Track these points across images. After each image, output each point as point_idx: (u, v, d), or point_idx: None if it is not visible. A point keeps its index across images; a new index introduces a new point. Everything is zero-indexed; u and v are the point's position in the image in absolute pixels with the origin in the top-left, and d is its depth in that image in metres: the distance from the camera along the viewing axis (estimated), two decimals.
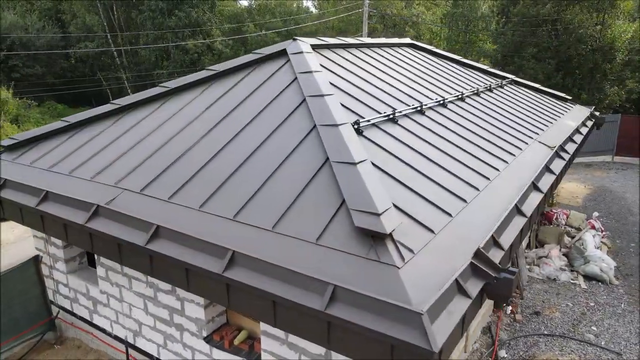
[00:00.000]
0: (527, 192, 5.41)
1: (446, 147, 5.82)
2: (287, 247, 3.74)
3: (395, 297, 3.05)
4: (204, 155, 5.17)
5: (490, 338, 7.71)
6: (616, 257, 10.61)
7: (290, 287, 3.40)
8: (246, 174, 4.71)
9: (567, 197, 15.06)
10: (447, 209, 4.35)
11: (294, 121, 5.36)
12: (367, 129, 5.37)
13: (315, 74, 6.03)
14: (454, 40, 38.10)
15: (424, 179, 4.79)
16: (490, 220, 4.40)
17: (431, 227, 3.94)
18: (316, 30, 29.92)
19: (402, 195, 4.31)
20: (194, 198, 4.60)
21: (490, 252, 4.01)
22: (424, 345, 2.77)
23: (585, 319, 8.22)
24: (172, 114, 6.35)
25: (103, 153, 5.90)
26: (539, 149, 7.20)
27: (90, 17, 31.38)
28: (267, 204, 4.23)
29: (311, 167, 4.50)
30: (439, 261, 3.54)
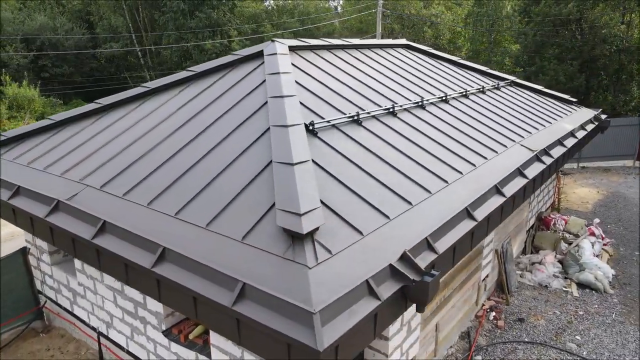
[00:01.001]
0: (486, 195, 5.33)
1: (409, 149, 5.79)
2: (214, 244, 3.83)
3: (297, 297, 3.10)
4: (164, 155, 5.33)
5: (468, 343, 7.60)
6: (617, 266, 10.26)
7: (208, 284, 3.50)
8: (196, 173, 4.84)
9: (577, 203, 14.61)
10: (386, 211, 4.35)
11: (253, 122, 5.45)
12: (324, 130, 5.41)
13: (282, 76, 6.11)
14: (478, 40, 37.45)
15: (371, 181, 4.80)
16: (431, 223, 4.37)
17: (360, 229, 3.96)
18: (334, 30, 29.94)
19: (340, 196, 4.33)
20: (145, 195, 4.75)
21: (422, 255, 3.99)
22: (310, 344, 2.81)
23: (570, 327, 8.00)
24: (146, 114, 6.56)
25: (77, 151, 6.15)
26: (518, 152, 7.05)
27: (116, 18, 32.36)
28: (207, 203, 4.34)
29: (256, 168, 4.59)
30: (356, 262, 3.56)
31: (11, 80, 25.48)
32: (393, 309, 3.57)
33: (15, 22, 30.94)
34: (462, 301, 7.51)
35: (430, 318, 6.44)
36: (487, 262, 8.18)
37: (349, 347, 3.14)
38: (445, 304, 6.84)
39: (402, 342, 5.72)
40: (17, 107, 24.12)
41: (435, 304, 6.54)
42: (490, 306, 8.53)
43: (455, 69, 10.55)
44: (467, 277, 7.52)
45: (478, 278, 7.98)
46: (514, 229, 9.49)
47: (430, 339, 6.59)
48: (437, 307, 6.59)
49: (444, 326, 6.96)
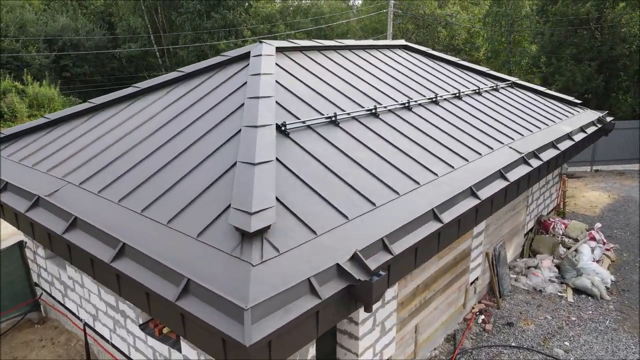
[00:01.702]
0: (458, 197, 5.31)
1: (384, 150, 5.81)
2: (172, 241, 3.94)
3: (235, 293, 3.18)
4: (141, 154, 5.49)
5: (453, 346, 7.56)
6: (617, 272, 10.03)
7: (158, 279, 3.61)
8: (168, 172, 4.97)
9: (585, 206, 14.31)
10: (346, 211, 4.39)
11: (229, 123, 5.56)
12: (297, 131, 5.48)
13: (262, 77, 6.20)
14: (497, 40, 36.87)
15: (338, 181, 4.84)
16: (392, 224, 4.39)
17: (315, 229, 4.02)
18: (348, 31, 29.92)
19: (301, 196, 4.40)
20: (117, 193, 4.91)
21: (376, 255, 4.02)
22: (239, 339, 2.88)
23: (560, 333, 7.88)
24: (133, 114, 6.74)
25: (64, 149, 6.37)
26: (504, 155, 6.97)
27: (135, 19, 33.05)
28: (172, 201, 4.46)
29: (222, 167, 4.69)
30: (303, 261, 3.62)
31: (32, 80, 26.29)
32: (339, 308, 3.62)
33: (38, 23, 31.90)
34: (447, 304, 7.47)
35: (408, 319, 6.44)
36: (476, 265, 8.11)
37: (286, 343, 3.21)
38: (426, 305, 6.82)
39: (375, 342, 5.75)
40: (37, 105, 24.87)
41: (415, 306, 6.54)
42: (480, 309, 8.46)
43: (453, 70, 10.47)
44: (453, 280, 7.48)
45: (465, 281, 7.93)
46: (509, 232, 9.38)
47: (409, 341, 6.58)
48: (416, 309, 6.58)
49: (425, 328, 6.95)
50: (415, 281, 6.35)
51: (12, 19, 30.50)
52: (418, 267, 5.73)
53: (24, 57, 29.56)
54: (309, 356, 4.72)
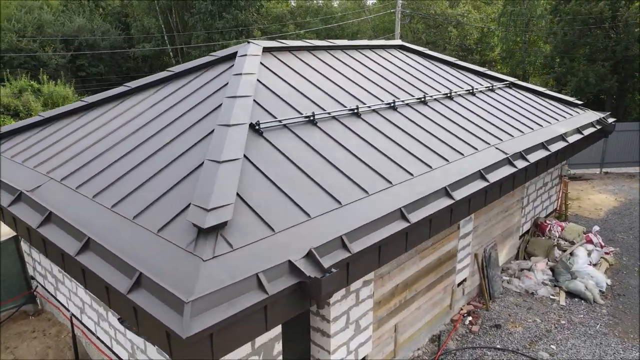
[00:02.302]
0: (430, 197, 5.32)
1: (361, 149, 5.85)
2: (134, 236, 4.06)
3: (180, 287, 3.27)
4: (121, 152, 5.63)
5: (437, 346, 7.55)
6: (615, 275, 9.86)
7: (115, 272, 3.72)
8: (142, 169, 5.10)
9: (589, 209, 14.07)
10: (309, 209, 4.45)
11: (206, 121, 5.66)
12: (272, 130, 5.56)
13: (243, 77, 6.30)
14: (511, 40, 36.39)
15: (307, 180, 4.90)
16: (354, 223, 4.43)
17: (273, 226, 4.08)
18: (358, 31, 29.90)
19: (265, 194, 4.47)
20: (93, 189, 5.05)
21: (333, 253, 4.07)
22: (177, 331, 2.97)
23: (548, 336, 7.79)
24: (121, 112, 6.91)
25: (52, 146, 6.57)
26: (489, 155, 6.93)
27: (148, 19, 33.58)
28: (141, 197, 4.58)
29: (192, 165, 4.79)
30: (256, 257, 3.69)
31: (48, 79, 26.93)
32: (290, 303, 3.68)
33: (55, 24, 32.67)
34: (431, 304, 7.46)
35: (387, 319, 6.46)
36: (463, 266, 8.08)
37: (231, 336, 3.28)
38: (406, 305, 6.83)
39: (349, 341, 5.79)
40: (52, 104, 25.46)
41: (394, 305, 6.55)
42: (468, 311, 8.41)
43: (450, 70, 10.42)
44: (437, 280, 7.47)
45: (452, 282, 7.90)
46: (501, 234, 9.30)
47: (388, 340, 6.60)
48: (395, 309, 6.60)
49: (406, 328, 6.95)
50: (393, 280, 6.37)
51: (30, 20, 31.29)
52: (385, 266, 5.79)
53: (41, 56, 30.30)
54: (274, 352, 4.79)
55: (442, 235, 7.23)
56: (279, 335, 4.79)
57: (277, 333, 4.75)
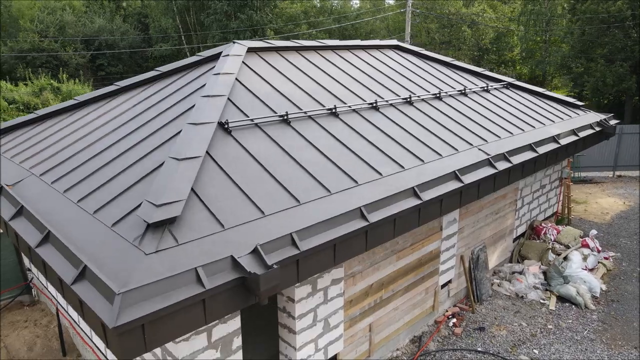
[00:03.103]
0: (395, 197, 5.33)
1: (332, 150, 5.89)
2: (91, 230, 4.21)
3: (118, 279, 3.39)
4: (98, 149, 5.82)
5: (418, 347, 7.53)
6: (612, 281, 9.64)
7: (67, 265, 3.87)
8: (112, 166, 5.26)
9: (595, 213, 13.75)
10: (265, 207, 4.53)
11: (181, 120, 5.80)
12: (242, 129, 5.66)
13: (221, 76, 6.42)
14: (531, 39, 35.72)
15: (268, 179, 4.98)
16: (309, 221, 4.49)
17: (224, 222, 4.18)
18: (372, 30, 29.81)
19: (222, 192, 4.56)
20: (65, 184, 5.24)
21: (281, 250, 4.14)
22: (106, 320, 3.09)
23: (532, 340, 7.68)
24: (106, 111, 7.12)
25: (40, 143, 6.82)
26: (469, 156, 6.88)
27: (165, 20, 34.22)
28: (105, 193, 4.74)
29: (157, 163, 4.92)
30: (201, 252, 3.78)
31: (68, 78, 27.73)
32: (233, 298, 3.76)
33: (77, 24, 33.61)
34: (411, 305, 7.44)
35: (360, 318, 6.49)
36: (447, 268, 8.03)
37: (166, 328, 3.38)
38: (382, 305, 6.84)
39: (317, 338, 5.84)
40: None
41: (368, 305, 6.57)
42: (453, 313, 8.36)
43: (445, 70, 10.35)
44: (418, 281, 7.44)
45: (435, 283, 7.86)
46: (492, 236, 9.19)
47: (362, 339, 6.62)
48: (370, 308, 6.61)
49: (382, 328, 6.96)
50: (366, 280, 6.39)
51: (53, 21, 32.26)
52: (357, 265, 5.82)
53: (62, 56, 31.21)
54: (233, 346, 4.88)
55: (422, 235, 7.21)
56: (238, 330, 4.88)
57: (235, 328, 4.85)
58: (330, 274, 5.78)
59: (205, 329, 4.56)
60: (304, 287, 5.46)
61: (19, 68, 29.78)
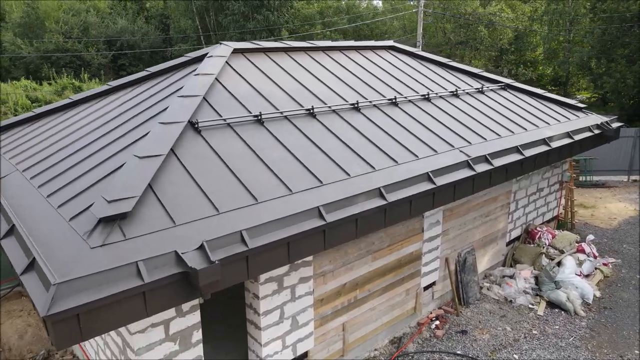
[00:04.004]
0: (358, 198, 5.37)
1: (303, 150, 5.97)
2: (51, 223, 4.41)
3: (59, 271, 3.56)
4: (77, 147, 6.06)
5: (397, 348, 7.53)
6: (608, 287, 9.41)
7: (22, 257, 4.07)
8: (84, 164, 5.47)
9: (602, 218, 13.40)
10: (220, 205, 4.64)
11: (155, 120, 5.97)
12: (212, 129, 5.79)
13: (199, 77, 6.58)
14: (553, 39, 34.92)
15: (230, 177, 5.10)
16: (264, 219, 4.59)
17: (175, 219, 4.31)
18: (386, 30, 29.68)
19: (181, 190, 4.70)
20: (40, 180, 5.48)
21: (230, 247, 4.25)
22: (40, 309, 3.26)
23: (514, 346, 7.59)
24: (95, 110, 7.38)
25: (31, 140, 7.12)
26: (447, 157, 6.85)
27: (185, 21, 34.88)
28: (71, 189, 4.94)
29: (123, 161, 5.10)
30: (146, 247, 3.92)
31: (89, 78, 28.61)
32: (174, 292, 3.89)
33: (100, 26, 34.62)
34: (389, 306, 7.45)
35: (332, 317, 6.54)
36: (430, 270, 8.00)
37: (103, 319, 3.54)
38: (358, 305, 6.87)
39: (285, 335, 5.93)
40: None
41: (341, 304, 6.62)
42: (437, 315, 8.31)
43: (440, 72, 10.28)
44: (397, 282, 7.45)
45: (417, 284, 7.84)
46: (482, 239, 9.10)
47: (334, 338, 6.68)
48: (343, 307, 6.66)
49: (358, 327, 6.99)
50: (338, 279, 6.44)
51: (77, 22, 33.30)
52: (327, 264, 5.92)
53: (85, 56, 32.19)
54: (193, 339, 5.02)
55: (401, 236, 7.22)
56: (197, 324, 5.01)
57: (195, 322, 4.98)
58: (298, 272, 5.86)
59: (162, 322, 4.72)
60: (268, 284, 5.56)
61: (44, 68, 30.86)
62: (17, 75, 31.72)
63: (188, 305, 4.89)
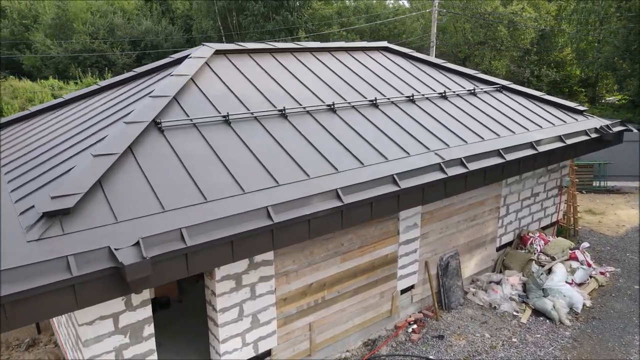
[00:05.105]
0: (312, 199, 5.40)
1: (266, 151, 6.03)
2: (5, 217, 4.62)
3: None
4: (51, 146, 6.30)
5: (369, 351, 7.51)
6: (601, 297, 9.10)
7: None
8: (52, 162, 5.69)
9: (610, 225, 12.94)
10: (167, 203, 4.76)
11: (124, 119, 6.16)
12: (176, 129, 5.93)
13: (173, 77, 6.74)
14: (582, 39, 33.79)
15: (184, 176, 5.21)
16: (205, 217, 4.68)
17: (118, 216, 4.46)
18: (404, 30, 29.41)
19: (131, 187, 4.85)
20: (11, 176, 5.74)
21: (169, 244, 4.35)
22: None
23: (490, 353, 7.45)
24: (79, 109, 7.65)
25: (19, 137, 7.45)
26: (420, 160, 6.78)
27: (206, 22, 35.51)
28: (32, 186, 5.15)
29: (83, 159, 5.29)
30: (83, 242, 4.06)
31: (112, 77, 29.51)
32: (106, 286, 4.03)
33: (126, 27, 35.65)
34: (362, 307, 7.43)
35: (297, 317, 6.59)
36: (408, 273, 7.93)
37: (30, 310, 3.70)
38: (326, 306, 6.89)
39: (245, 333, 6.02)
40: None
41: (307, 304, 6.66)
42: (416, 319, 8.23)
43: (432, 73, 10.15)
44: (370, 284, 7.42)
45: (392, 287, 7.79)
46: (467, 243, 8.95)
47: (300, 337, 6.72)
48: (309, 307, 6.69)
49: (327, 328, 7.01)
50: (303, 279, 6.48)
51: (103, 23, 34.41)
52: (291, 264, 6.01)
53: (110, 57, 33.23)
54: (144, 333, 5.16)
55: (373, 238, 7.19)
56: (149, 319, 5.15)
57: (146, 316, 5.12)
58: (258, 271, 5.93)
59: (111, 315, 4.88)
60: (225, 282, 5.65)
61: (71, 67, 32.03)
62: (47, 75, 33.08)
63: (138, 299, 5.04)
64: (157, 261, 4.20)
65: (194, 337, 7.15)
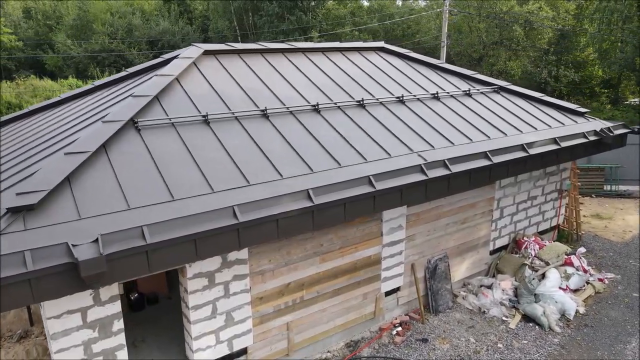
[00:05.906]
0: (282, 198, 5.42)
1: (243, 151, 6.08)
2: None
3: None
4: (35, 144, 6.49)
5: (350, 352, 7.49)
6: (597, 304, 8.87)
7: None
8: (33, 159, 5.86)
9: (616, 230, 12.58)
10: (134, 201, 4.85)
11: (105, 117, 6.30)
12: (153, 128, 6.03)
13: (157, 77, 6.85)
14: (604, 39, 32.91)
15: (155, 174, 5.30)
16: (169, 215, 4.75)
17: (82, 213, 4.56)
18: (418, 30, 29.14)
19: (99, 185, 4.96)
20: None
21: (128, 240, 4.44)
22: None
23: (472, 358, 7.34)
24: (71, 108, 7.85)
25: (13, 135, 7.69)
26: (400, 161, 6.73)
27: (221, 22, 35.89)
28: (9, 182, 5.32)
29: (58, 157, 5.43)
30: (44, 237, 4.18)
31: None
32: (64, 281, 4.13)
33: (144, 27, 36.33)
34: (344, 308, 7.42)
35: (274, 316, 6.62)
36: (393, 275, 7.88)
37: None
38: (304, 306, 6.90)
39: (218, 330, 6.09)
40: None
41: (284, 304, 6.68)
42: (401, 321, 8.17)
43: (428, 73, 10.06)
44: (352, 285, 7.40)
45: (376, 289, 7.75)
46: (458, 246, 8.83)
47: (277, 337, 6.74)
48: (287, 307, 6.72)
49: (305, 328, 7.02)
50: (280, 279, 6.50)
51: (122, 24, 35.12)
52: (267, 264, 6.07)
53: (128, 56, 33.90)
54: (114, 328, 5.27)
55: (355, 240, 7.17)
56: (118, 314, 5.26)
57: (115, 311, 5.23)
58: (232, 270, 5.99)
59: (78, 310, 4.99)
60: (198, 279, 5.72)
61: (90, 67, 32.82)
62: (68, 74, 34.00)
63: (107, 294, 5.15)
64: (115, 258, 4.29)
65: (178, 334, 7.24)
